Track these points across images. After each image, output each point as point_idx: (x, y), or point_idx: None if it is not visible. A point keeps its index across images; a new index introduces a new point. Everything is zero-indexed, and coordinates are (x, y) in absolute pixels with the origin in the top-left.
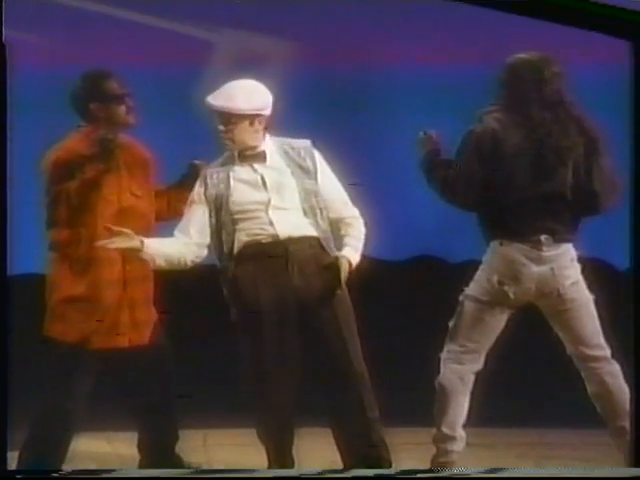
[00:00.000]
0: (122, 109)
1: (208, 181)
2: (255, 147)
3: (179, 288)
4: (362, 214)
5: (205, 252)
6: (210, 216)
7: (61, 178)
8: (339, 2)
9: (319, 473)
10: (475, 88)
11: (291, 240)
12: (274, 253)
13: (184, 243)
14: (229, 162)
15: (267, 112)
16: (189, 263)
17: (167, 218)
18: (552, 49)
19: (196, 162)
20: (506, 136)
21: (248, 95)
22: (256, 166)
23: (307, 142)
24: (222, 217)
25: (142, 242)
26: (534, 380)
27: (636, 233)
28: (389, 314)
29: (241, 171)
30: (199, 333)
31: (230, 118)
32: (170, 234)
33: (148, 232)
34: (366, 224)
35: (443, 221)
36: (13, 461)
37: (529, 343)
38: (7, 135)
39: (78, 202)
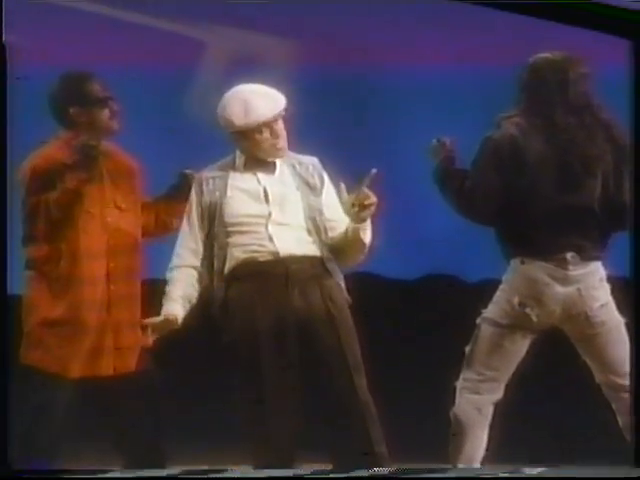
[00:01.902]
0: (105, 113)
1: (204, 187)
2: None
3: None
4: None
5: None
6: (202, 227)
7: (39, 189)
8: (343, 2)
9: (316, 473)
10: (493, 90)
11: (292, 259)
12: (273, 272)
13: (192, 275)
14: (228, 168)
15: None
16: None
17: (155, 234)
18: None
19: (187, 172)
20: (527, 143)
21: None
22: (261, 176)
23: (315, 159)
24: (215, 228)
25: (176, 317)
26: (559, 412)
27: (636, 233)
28: (398, 339)
29: (241, 179)
30: (190, 359)
31: (278, 123)
32: (158, 251)
33: (133, 249)
34: (372, 243)
35: (458, 237)
36: (15, 461)
37: (553, 371)
38: (7, 136)
39: (57, 215)
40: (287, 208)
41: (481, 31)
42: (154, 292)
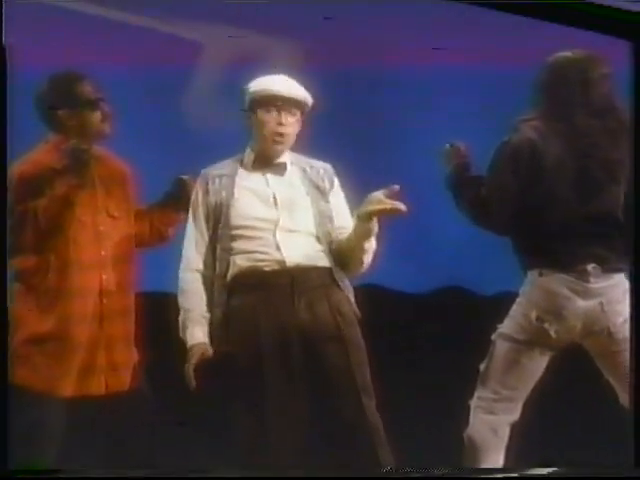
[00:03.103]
0: (96, 116)
1: (209, 186)
2: (279, 157)
3: (164, 324)
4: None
5: None
6: (207, 227)
7: (27, 196)
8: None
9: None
10: (509, 91)
11: (299, 268)
12: (278, 282)
13: (201, 282)
14: (236, 167)
15: None
16: None
17: (149, 243)
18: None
19: (183, 177)
20: (546, 148)
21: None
22: (270, 177)
23: (327, 165)
24: (219, 230)
25: (206, 346)
26: (579, 434)
27: (636, 234)
28: (408, 355)
29: (249, 179)
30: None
31: (295, 109)
32: (153, 262)
33: (127, 260)
34: (379, 253)
35: (472, 247)
36: (14, 460)
37: (574, 390)
38: (7, 136)
39: (46, 224)
40: (296, 214)
41: (491, 31)
42: (149, 305)
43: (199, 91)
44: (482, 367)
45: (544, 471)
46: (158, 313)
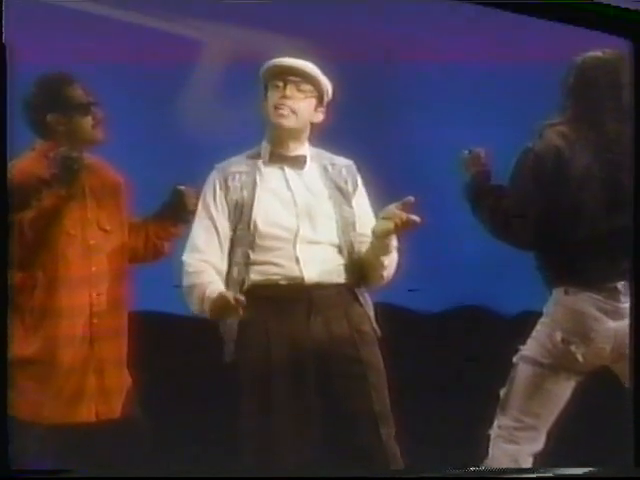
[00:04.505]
0: (87, 121)
1: (230, 183)
2: (296, 147)
3: (160, 346)
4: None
5: None
6: (229, 226)
7: (12, 207)
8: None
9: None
10: (533, 94)
11: (318, 286)
12: (293, 297)
13: (217, 278)
14: (254, 164)
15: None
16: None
17: (144, 258)
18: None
19: (181, 188)
20: (573, 156)
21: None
22: (289, 173)
23: (350, 162)
24: (238, 231)
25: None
26: (609, 466)
27: (636, 234)
28: (425, 379)
29: (269, 177)
30: (184, 403)
31: (305, 85)
32: (147, 279)
33: (120, 277)
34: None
35: (493, 262)
36: (15, 461)
37: (603, 418)
38: (7, 136)
39: (33, 237)
40: (318, 221)
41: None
42: (143, 325)
43: (198, 95)
44: (502, 392)
45: (546, 472)
46: (153, 334)
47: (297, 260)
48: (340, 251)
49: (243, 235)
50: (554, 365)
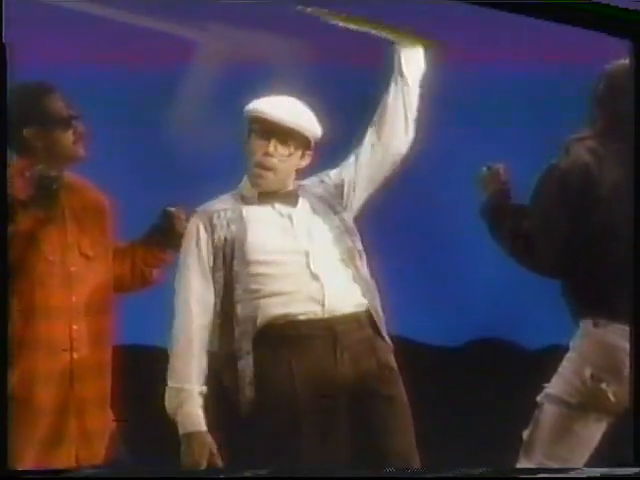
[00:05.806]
0: (68, 136)
1: (215, 221)
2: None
3: (146, 383)
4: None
5: None
6: (216, 269)
7: None
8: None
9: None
10: (559, 105)
11: (339, 319)
12: (317, 333)
13: (205, 342)
14: (236, 203)
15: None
16: None
17: (130, 287)
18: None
19: (171, 210)
20: (602, 173)
21: (312, 117)
22: (280, 207)
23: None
24: (235, 268)
25: (207, 434)
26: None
27: (636, 234)
28: (439, 420)
29: (259, 211)
30: (173, 446)
31: (290, 140)
32: (133, 310)
33: (103, 307)
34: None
35: (514, 291)
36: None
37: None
38: (7, 136)
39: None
40: (316, 236)
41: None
42: (128, 361)
43: (188, 109)
44: (526, 435)
45: (547, 472)
46: (140, 370)
47: (316, 277)
48: (345, 264)
49: (242, 271)
50: (583, 404)
